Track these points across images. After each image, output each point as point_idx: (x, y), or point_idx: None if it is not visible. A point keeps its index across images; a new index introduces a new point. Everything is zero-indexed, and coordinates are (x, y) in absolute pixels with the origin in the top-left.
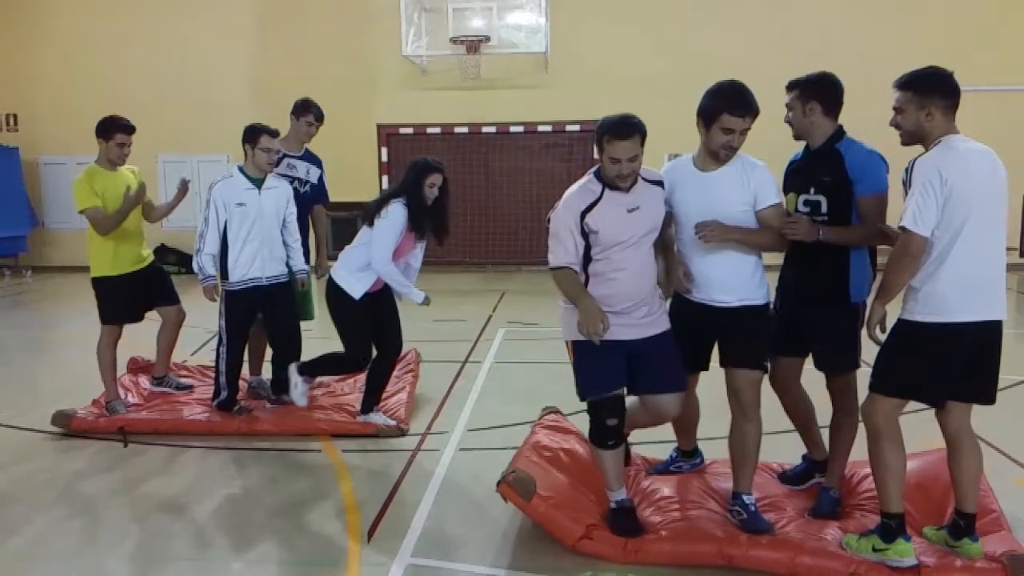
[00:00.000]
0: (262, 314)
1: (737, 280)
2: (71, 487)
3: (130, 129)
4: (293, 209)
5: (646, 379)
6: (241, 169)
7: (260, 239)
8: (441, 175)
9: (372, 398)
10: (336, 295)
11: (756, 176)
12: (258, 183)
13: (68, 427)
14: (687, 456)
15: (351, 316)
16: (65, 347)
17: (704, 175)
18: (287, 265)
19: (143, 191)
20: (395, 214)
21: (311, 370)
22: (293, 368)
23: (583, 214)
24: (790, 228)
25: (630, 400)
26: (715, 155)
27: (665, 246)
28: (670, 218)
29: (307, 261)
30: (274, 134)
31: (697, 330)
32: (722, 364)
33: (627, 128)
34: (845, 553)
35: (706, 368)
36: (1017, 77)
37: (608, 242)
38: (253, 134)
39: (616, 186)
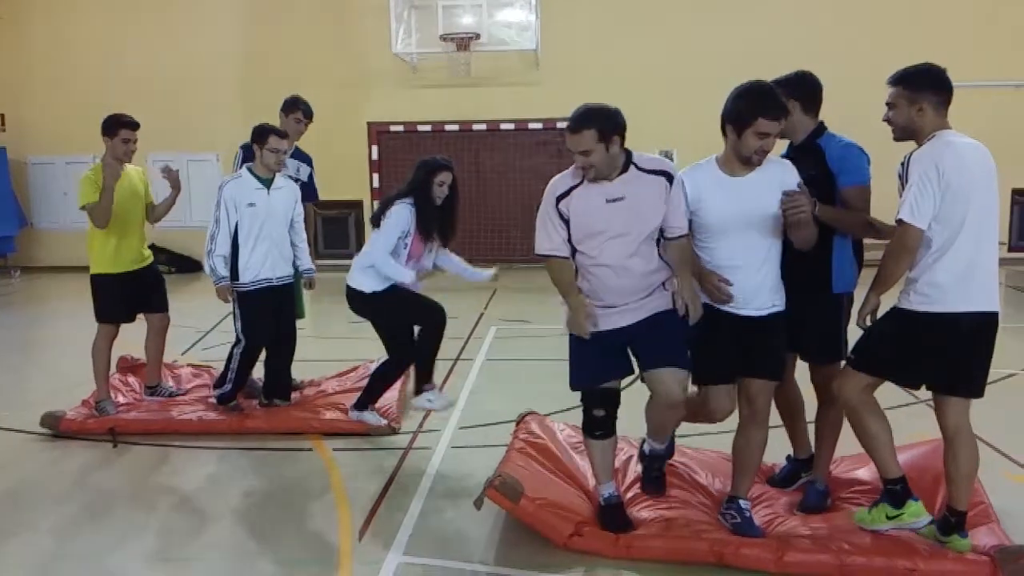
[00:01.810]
0: None
1: (769, 286)
2: (62, 489)
3: (134, 125)
4: (300, 209)
5: (643, 358)
6: (250, 169)
7: (270, 240)
8: (451, 173)
9: (369, 396)
10: (358, 299)
11: (789, 176)
12: (267, 183)
13: (57, 428)
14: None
15: (388, 305)
16: (54, 348)
17: (735, 180)
18: (293, 265)
19: (117, 171)
20: (399, 213)
21: (426, 377)
22: (415, 399)
23: (558, 200)
24: (793, 204)
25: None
26: (747, 160)
27: (694, 263)
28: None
29: None
30: (283, 135)
31: (726, 343)
32: (740, 373)
33: (576, 122)
34: (833, 547)
35: (732, 381)
36: (1005, 73)
37: (582, 232)
38: (262, 135)
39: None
